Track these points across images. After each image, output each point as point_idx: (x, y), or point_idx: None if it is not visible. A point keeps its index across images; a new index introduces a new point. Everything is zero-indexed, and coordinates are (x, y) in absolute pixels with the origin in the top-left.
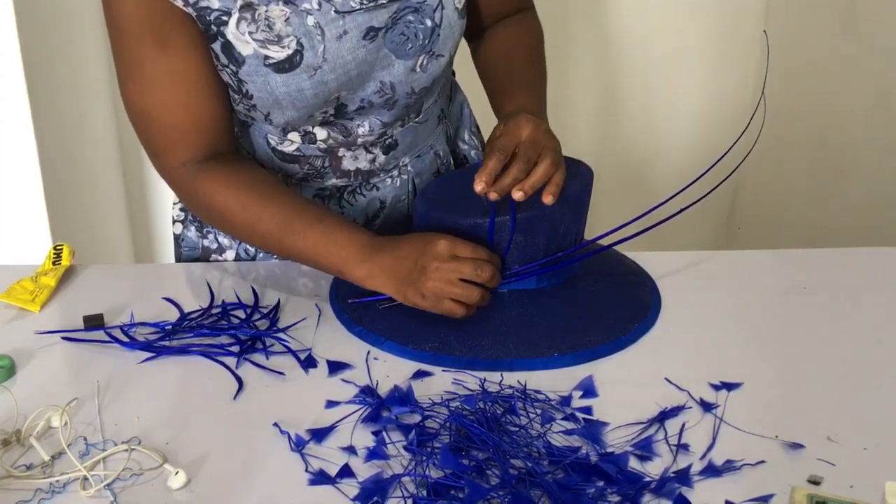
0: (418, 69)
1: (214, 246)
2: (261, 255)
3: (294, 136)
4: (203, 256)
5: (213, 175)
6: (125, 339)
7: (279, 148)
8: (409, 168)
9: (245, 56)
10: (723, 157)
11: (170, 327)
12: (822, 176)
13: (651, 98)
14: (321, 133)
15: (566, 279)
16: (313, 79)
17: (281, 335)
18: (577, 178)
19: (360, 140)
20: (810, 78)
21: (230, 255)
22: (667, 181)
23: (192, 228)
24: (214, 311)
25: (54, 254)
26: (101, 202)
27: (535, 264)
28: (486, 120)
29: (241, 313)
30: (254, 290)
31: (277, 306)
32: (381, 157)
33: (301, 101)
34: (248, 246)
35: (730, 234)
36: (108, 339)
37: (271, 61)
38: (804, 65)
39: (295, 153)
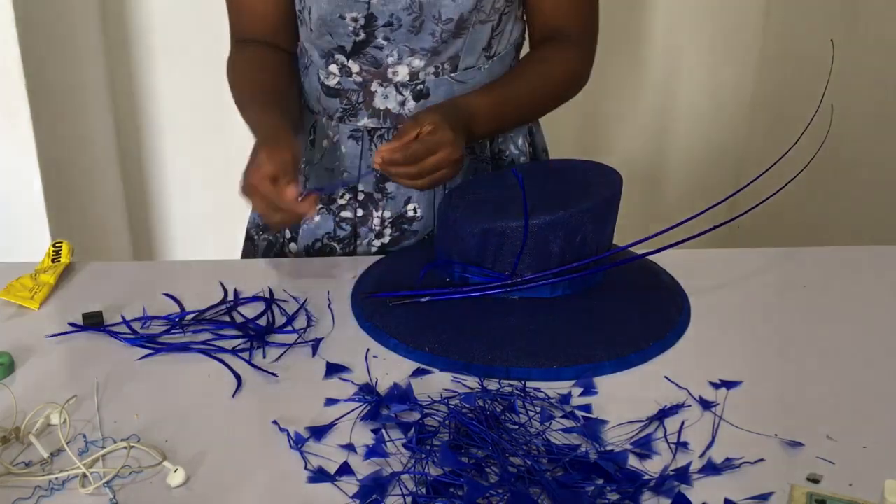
0: None
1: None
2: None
3: (333, 69)
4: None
5: (241, 51)
6: (125, 335)
7: (325, 82)
8: None
9: None
10: (780, 159)
11: (169, 324)
12: (822, 175)
13: (650, 97)
14: (355, 66)
15: (586, 290)
16: None
17: (280, 333)
18: (601, 186)
19: (389, 73)
20: (810, 77)
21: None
22: (667, 181)
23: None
24: (214, 308)
25: (53, 251)
26: (100, 201)
27: (547, 273)
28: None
29: (240, 311)
30: (244, 287)
31: (275, 304)
32: (411, 103)
33: None
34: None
35: (729, 233)
36: (107, 336)
37: None
38: (804, 64)
39: (336, 87)
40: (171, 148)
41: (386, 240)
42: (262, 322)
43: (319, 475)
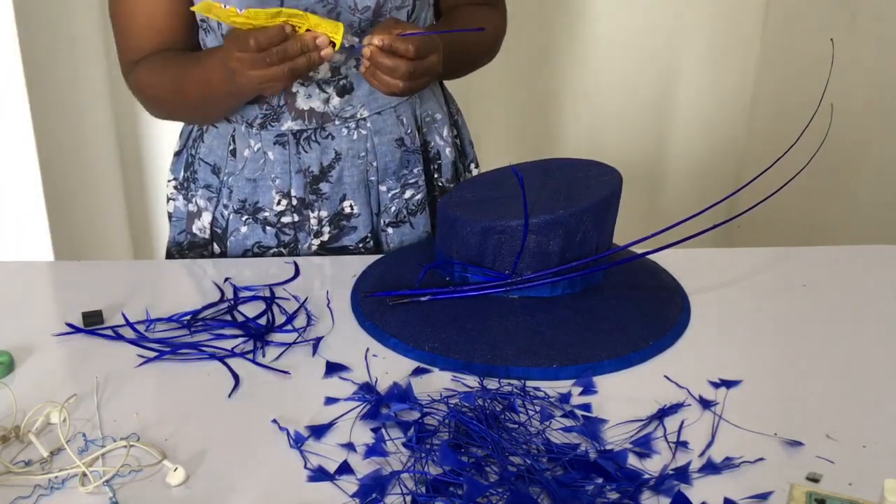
0: None
1: (195, 209)
2: (232, 227)
3: None
4: (188, 226)
5: (142, 65)
6: (125, 335)
7: None
8: (367, 124)
9: None
10: (778, 159)
11: (170, 324)
12: (822, 175)
13: (650, 97)
14: None
15: (585, 289)
16: None
17: (280, 332)
18: (601, 185)
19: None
20: (810, 77)
21: (206, 217)
22: (667, 181)
23: (180, 197)
24: (214, 308)
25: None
26: (100, 201)
27: (546, 272)
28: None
29: (240, 310)
30: (250, 288)
31: (275, 303)
32: (336, 100)
33: None
34: (223, 210)
35: (729, 232)
36: (107, 335)
37: None
38: (804, 63)
39: None
40: (171, 147)
41: (325, 237)
42: (263, 321)
43: (319, 474)
